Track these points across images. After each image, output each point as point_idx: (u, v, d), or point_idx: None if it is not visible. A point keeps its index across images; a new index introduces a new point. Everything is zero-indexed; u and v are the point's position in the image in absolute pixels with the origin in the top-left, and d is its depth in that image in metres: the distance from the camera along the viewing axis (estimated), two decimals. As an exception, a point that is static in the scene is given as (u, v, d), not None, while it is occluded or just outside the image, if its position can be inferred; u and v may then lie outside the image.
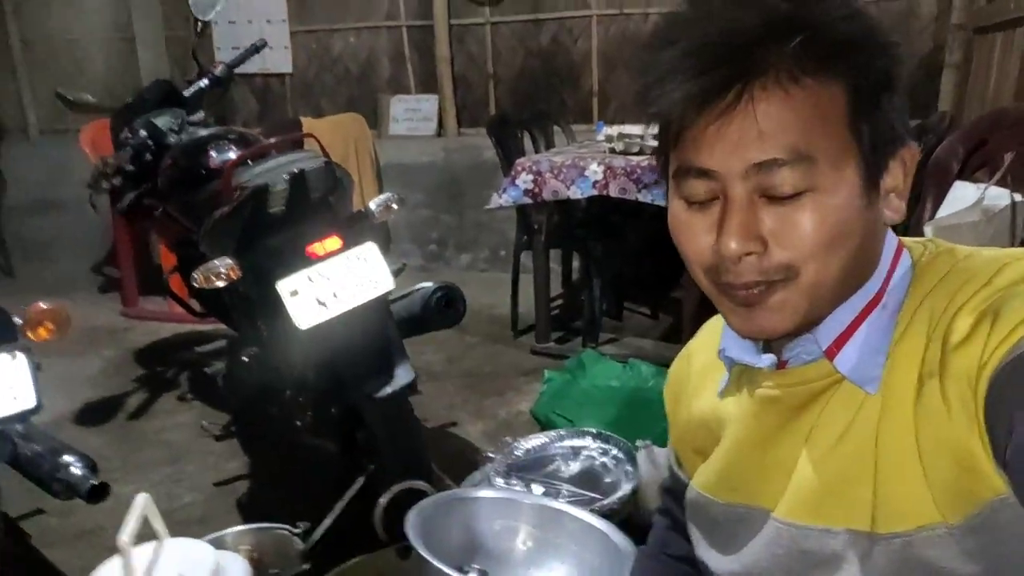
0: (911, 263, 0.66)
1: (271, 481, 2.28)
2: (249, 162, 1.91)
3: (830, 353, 0.64)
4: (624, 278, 3.56)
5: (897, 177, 0.63)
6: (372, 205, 1.86)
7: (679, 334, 3.03)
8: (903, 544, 0.59)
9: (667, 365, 2.81)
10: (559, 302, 3.68)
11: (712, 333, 0.82)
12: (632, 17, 4.22)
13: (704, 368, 0.82)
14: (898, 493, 0.60)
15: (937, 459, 0.58)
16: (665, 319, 3.47)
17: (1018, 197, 1.86)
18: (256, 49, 2.55)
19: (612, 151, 2.94)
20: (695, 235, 0.63)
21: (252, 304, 1.87)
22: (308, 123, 4.20)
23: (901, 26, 3.75)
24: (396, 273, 1.83)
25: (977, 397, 0.55)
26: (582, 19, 4.31)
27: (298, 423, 1.95)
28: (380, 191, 4.48)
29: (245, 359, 1.88)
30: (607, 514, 1.57)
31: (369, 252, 1.74)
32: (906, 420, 0.60)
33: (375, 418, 1.71)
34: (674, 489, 0.94)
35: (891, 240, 0.66)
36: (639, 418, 2.15)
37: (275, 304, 1.66)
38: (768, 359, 0.69)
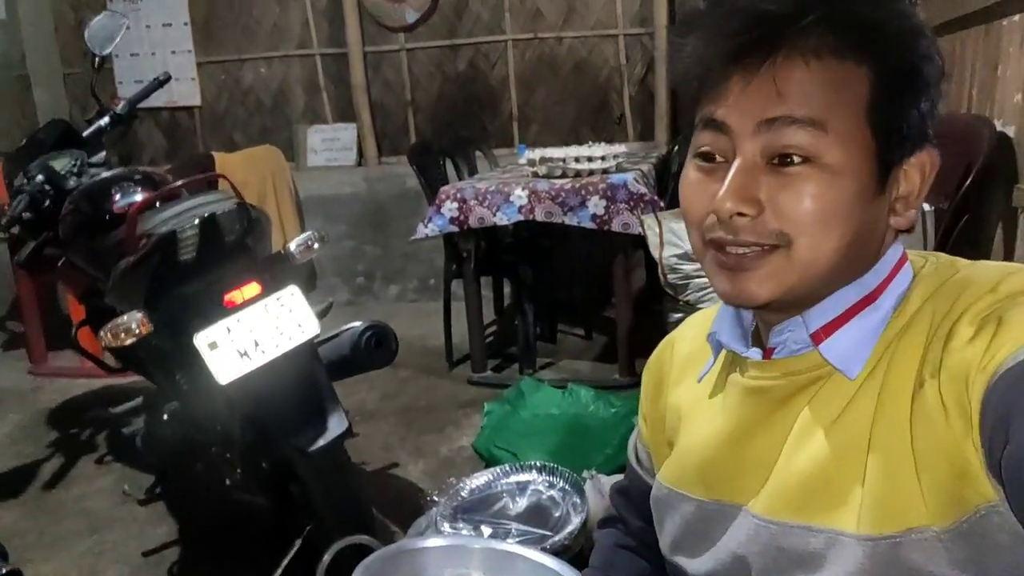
0: (913, 274, 0.66)
1: (203, 546, 2.14)
2: (157, 204, 1.80)
3: (816, 337, 0.64)
4: (556, 301, 3.55)
5: (913, 182, 0.63)
6: (292, 246, 1.79)
7: (614, 353, 3.03)
8: (890, 546, 0.58)
9: (606, 387, 2.81)
10: (492, 329, 3.64)
11: (697, 326, 0.81)
12: (546, 41, 4.25)
13: (688, 358, 0.80)
14: (889, 494, 0.58)
15: (932, 461, 0.57)
16: (599, 339, 3.47)
17: (927, 207, 1.93)
18: (160, 83, 2.43)
19: (535, 175, 2.93)
20: (700, 194, 0.64)
21: (168, 358, 1.75)
22: (221, 158, 4.03)
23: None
24: (322, 313, 1.75)
25: (972, 400, 0.54)
26: (498, 44, 4.32)
27: (227, 481, 1.83)
28: (301, 224, 4.35)
29: (165, 416, 1.78)
30: (559, 551, 1.52)
31: (291, 296, 1.66)
32: (902, 420, 0.59)
33: (309, 472, 1.62)
34: (630, 489, 0.90)
35: (897, 248, 0.66)
36: (582, 445, 2.12)
37: (193, 358, 1.57)
38: (755, 352, 0.68)
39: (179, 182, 1.86)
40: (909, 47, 0.60)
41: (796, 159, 0.59)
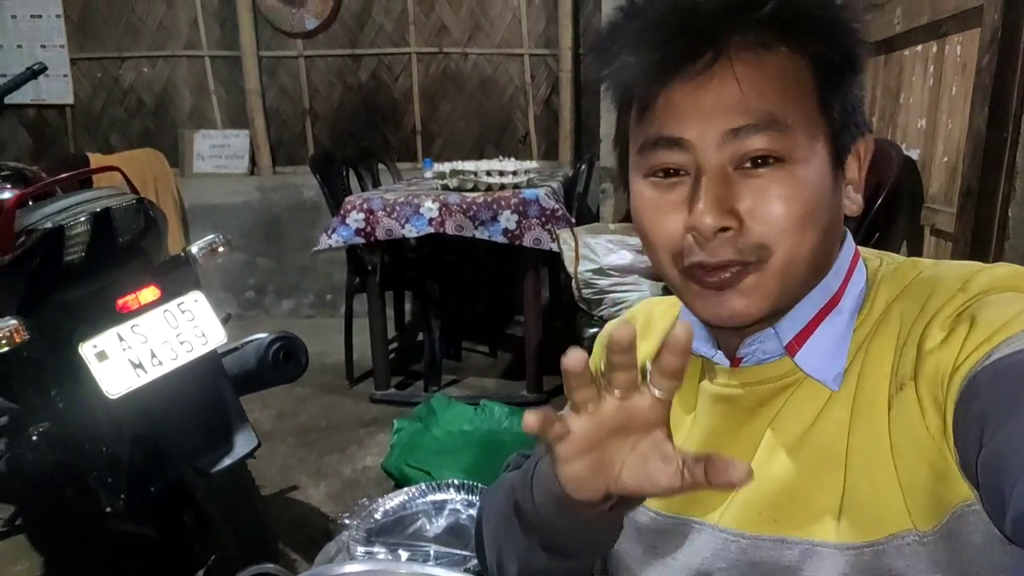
0: (867, 272, 0.65)
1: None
2: (30, 203, 1.61)
3: (791, 349, 0.62)
4: (461, 317, 3.49)
5: (853, 169, 0.63)
6: (194, 249, 1.65)
7: (521, 370, 3.00)
8: (873, 554, 0.56)
9: (515, 404, 2.74)
10: (394, 346, 3.53)
11: (661, 318, 0.76)
12: (451, 56, 4.22)
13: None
14: (870, 500, 0.57)
15: (913, 465, 0.56)
16: (504, 356, 3.44)
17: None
18: (34, 74, 2.21)
19: (446, 188, 2.88)
20: (663, 216, 0.59)
21: (44, 371, 1.56)
22: (97, 159, 3.73)
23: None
24: (222, 323, 1.61)
25: (948, 399, 0.53)
26: (401, 56, 4.25)
27: (109, 509, 1.64)
28: (186, 233, 4.10)
29: (34, 438, 1.58)
30: (483, 573, 1.46)
31: (195, 303, 1.52)
32: (880, 426, 0.58)
33: (211, 495, 1.48)
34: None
35: (849, 243, 0.65)
36: (498, 462, 2.05)
37: (77, 370, 1.41)
38: (722, 357, 0.66)
39: (63, 176, 1.68)
40: (848, 32, 0.59)
41: (766, 159, 0.57)
